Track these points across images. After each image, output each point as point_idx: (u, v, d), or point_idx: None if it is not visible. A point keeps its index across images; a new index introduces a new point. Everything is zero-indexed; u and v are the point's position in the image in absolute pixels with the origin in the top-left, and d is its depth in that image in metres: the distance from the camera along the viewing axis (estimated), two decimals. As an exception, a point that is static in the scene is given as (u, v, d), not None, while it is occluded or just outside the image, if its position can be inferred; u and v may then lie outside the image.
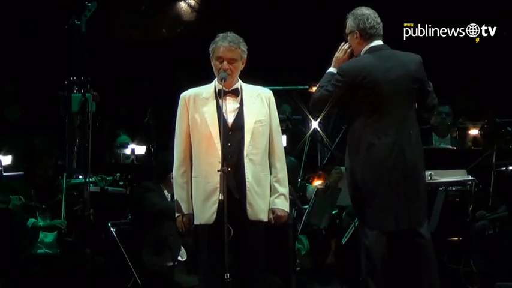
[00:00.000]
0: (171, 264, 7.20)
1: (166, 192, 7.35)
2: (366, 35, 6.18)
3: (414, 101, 6.18)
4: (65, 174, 7.88)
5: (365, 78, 6.07)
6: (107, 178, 8.23)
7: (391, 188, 6.05)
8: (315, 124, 8.65)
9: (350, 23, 6.23)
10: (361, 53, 6.21)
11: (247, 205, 5.85)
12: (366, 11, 6.22)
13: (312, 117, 8.65)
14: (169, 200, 7.30)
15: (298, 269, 7.74)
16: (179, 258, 7.30)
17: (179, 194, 5.97)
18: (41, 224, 7.56)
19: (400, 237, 6.11)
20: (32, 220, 7.51)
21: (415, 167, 6.10)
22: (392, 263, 6.17)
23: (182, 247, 7.33)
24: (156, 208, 7.19)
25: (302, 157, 8.46)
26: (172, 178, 7.21)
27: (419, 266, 6.10)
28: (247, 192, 5.85)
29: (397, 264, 6.21)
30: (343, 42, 6.29)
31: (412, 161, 6.08)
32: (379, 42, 6.20)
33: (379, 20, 6.21)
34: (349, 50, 6.26)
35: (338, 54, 6.29)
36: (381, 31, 6.21)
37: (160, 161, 7.89)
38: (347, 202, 7.25)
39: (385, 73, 6.08)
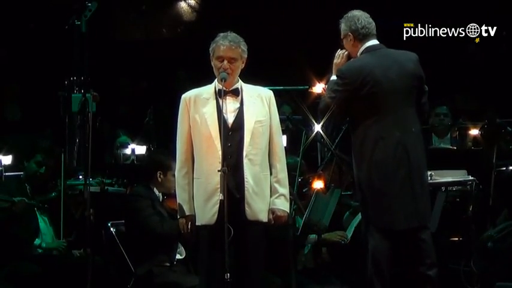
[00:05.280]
0: (168, 264, 7.19)
1: (156, 191, 7.34)
2: (359, 36, 6.19)
3: (414, 98, 6.18)
4: (62, 175, 7.91)
5: (366, 77, 6.07)
6: (106, 181, 8.27)
7: (398, 187, 6.05)
8: (318, 128, 8.65)
9: (343, 27, 6.27)
10: (358, 54, 6.22)
11: (246, 205, 5.85)
12: (356, 12, 6.26)
13: (314, 120, 8.65)
14: (160, 198, 7.30)
15: (300, 267, 7.75)
16: (178, 256, 7.29)
17: (181, 195, 5.97)
18: (43, 245, 7.65)
19: (407, 235, 6.12)
20: (38, 241, 7.59)
21: (419, 165, 6.10)
22: (397, 262, 6.20)
23: (180, 245, 7.32)
24: (153, 232, 7.14)
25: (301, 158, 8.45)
26: (160, 177, 7.27)
27: (423, 263, 6.12)
28: (246, 192, 5.85)
29: (402, 262, 6.24)
30: (339, 49, 6.30)
31: (416, 159, 6.08)
32: (374, 41, 6.22)
33: (370, 20, 6.23)
34: (345, 54, 6.28)
35: (336, 60, 6.30)
36: (374, 31, 6.22)
37: (149, 159, 7.91)
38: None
39: (385, 72, 6.09)
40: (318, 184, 7.86)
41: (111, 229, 7.53)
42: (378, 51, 6.18)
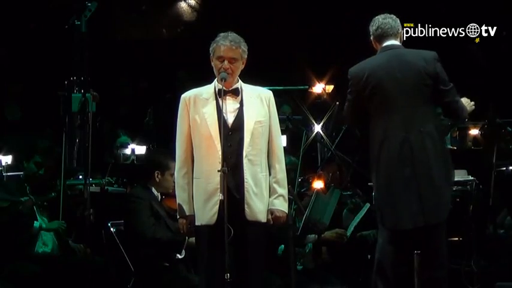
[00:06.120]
0: (168, 264, 7.20)
1: (154, 191, 7.34)
2: (376, 37, 6.24)
3: (427, 97, 6.13)
4: (62, 175, 7.91)
5: (368, 77, 6.08)
6: (106, 179, 8.30)
7: (402, 186, 6.03)
8: (318, 128, 8.66)
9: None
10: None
11: (245, 205, 5.84)
12: (377, 16, 6.29)
13: (314, 120, 8.66)
14: (158, 198, 7.30)
15: (300, 267, 7.76)
16: (178, 256, 7.29)
17: (180, 195, 5.96)
18: (43, 225, 7.64)
19: (414, 235, 6.10)
20: (37, 223, 7.59)
21: (428, 165, 6.03)
22: (405, 262, 6.18)
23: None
24: (146, 237, 7.14)
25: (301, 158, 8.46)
26: (158, 176, 7.28)
27: (431, 264, 6.10)
28: (245, 192, 5.84)
29: (409, 263, 6.23)
30: None
31: (424, 158, 6.03)
32: (391, 41, 6.21)
33: (387, 20, 6.24)
34: None
35: None
36: (391, 31, 6.20)
37: (147, 159, 7.90)
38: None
39: (389, 71, 6.08)
40: (318, 184, 7.88)
41: (111, 229, 7.54)
42: (389, 51, 6.18)
